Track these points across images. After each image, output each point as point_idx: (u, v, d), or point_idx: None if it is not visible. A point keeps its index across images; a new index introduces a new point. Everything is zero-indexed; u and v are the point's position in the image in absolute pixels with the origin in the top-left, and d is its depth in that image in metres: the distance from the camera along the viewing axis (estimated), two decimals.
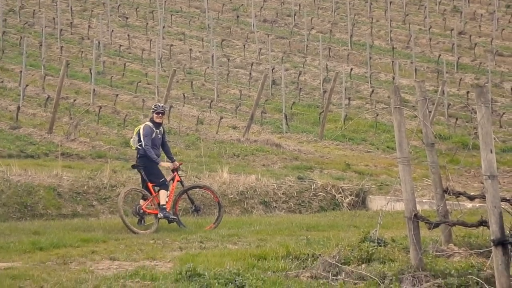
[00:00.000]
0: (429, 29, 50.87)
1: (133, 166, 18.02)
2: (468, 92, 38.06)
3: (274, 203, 23.17)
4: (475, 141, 12.26)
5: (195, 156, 25.31)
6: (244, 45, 48.29)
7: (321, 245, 12.46)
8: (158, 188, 17.23)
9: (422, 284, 9.04)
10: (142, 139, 17.09)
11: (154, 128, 17.24)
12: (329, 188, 23.98)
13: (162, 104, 19.47)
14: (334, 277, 9.86)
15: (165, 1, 53.91)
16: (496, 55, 46.04)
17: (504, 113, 36.40)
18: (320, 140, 32.11)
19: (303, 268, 10.72)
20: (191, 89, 39.03)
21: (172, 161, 17.68)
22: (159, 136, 17.42)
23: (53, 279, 10.28)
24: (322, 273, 10.13)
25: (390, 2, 55.54)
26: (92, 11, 52.56)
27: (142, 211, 17.17)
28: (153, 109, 17.82)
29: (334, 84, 34.70)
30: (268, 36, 47.98)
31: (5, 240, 14.96)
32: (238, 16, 53.36)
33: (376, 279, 9.36)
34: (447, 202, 10.88)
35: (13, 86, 37.68)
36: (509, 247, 7.18)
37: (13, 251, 13.51)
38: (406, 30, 52.01)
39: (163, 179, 17.39)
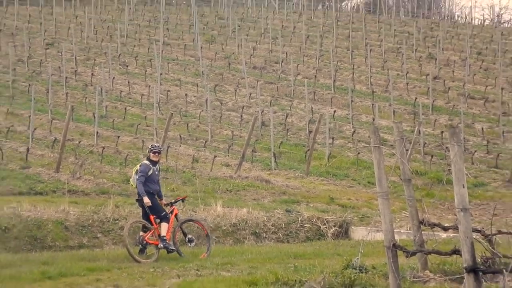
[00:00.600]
0: (406, 74, 53.13)
1: (137, 200, 18.47)
2: (442, 132, 39.67)
3: (264, 233, 23.91)
4: (449, 177, 11.15)
5: (191, 192, 25.85)
6: (236, 90, 50.01)
7: (307, 272, 13.52)
8: (159, 220, 17.83)
9: None
10: (136, 174, 17.82)
11: (151, 166, 17.83)
12: (314, 220, 24.96)
13: (158, 144, 20.64)
14: None
15: (162, 50, 55.83)
16: (468, 98, 48.33)
17: (475, 151, 37.55)
18: (306, 176, 33.52)
19: None
20: (187, 130, 40.35)
21: (161, 198, 18.24)
22: (156, 172, 18.02)
23: None
24: None
25: (370, 50, 57.45)
26: (94, 60, 54.13)
27: (145, 241, 17.75)
28: (150, 148, 18.43)
29: (318, 125, 36.64)
30: (257, 82, 49.80)
31: (17, 270, 15.64)
32: (229, 64, 55.31)
33: None
34: (423, 232, 12.06)
35: (23, 129, 38.75)
36: (480, 274, 7.89)
37: (24, 280, 14.37)
38: (385, 75, 53.71)
39: (164, 212, 17.98)
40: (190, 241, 18.58)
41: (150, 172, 17.59)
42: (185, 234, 18.59)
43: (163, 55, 55.81)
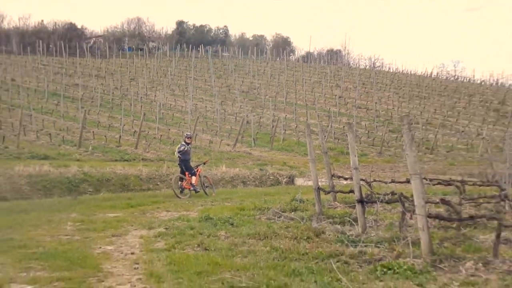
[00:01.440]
0: (324, 95, 73.75)
1: (178, 164, 23.04)
2: (343, 127, 55.87)
3: (248, 182, 30.87)
4: (347, 151, 16.26)
5: (209, 159, 30.40)
6: (232, 103, 68.29)
7: (272, 202, 17.06)
8: (190, 174, 22.33)
9: (321, 222, 13.23)
10: (177, 150, 22.46)
11: (185, 145, 22.34)
12: (275, 174, 32.94)
13: (189, 133, 25.63)
14: (278, 218, 14.17)
15: (192, 82, 72.86)
16: (357, 108, 68.02)
17: (362, 137, 53.60)
18: (270, 151, 45.69)
19: (263, 214, 15.12)
20: (206, 126, 54.33)
21: (189, 167, 22.44)
22: (188, 149, 22.28)
23: (138, 221, 14.62)
24: (272, 217, 14.55)
25: (305, 82, 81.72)
26: (156, 87, 72.25)
27: (183, 187, 22.22)
28: (185, 135, 23.50)
29: (277, 123, 51.52)
30: (244, 99, 69.36)
31: (113, 202, 19.52)
32: (229, 89, 77.04)
33: (299, 219, 13.63)
34: (333, 181, 16.01)
35: (117, 125, 48.93)
36: (364, 203, 11.52)
37: (118, 208, 17.96)
38: (313, 96, 73.43)
39: (193, 170, 22.36)
40: (206, 187, 23.17)
41: (185, 149, 22.16)
42: (203, 184, 22.93)
43: (193, 84, 72.21)
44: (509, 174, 14.58)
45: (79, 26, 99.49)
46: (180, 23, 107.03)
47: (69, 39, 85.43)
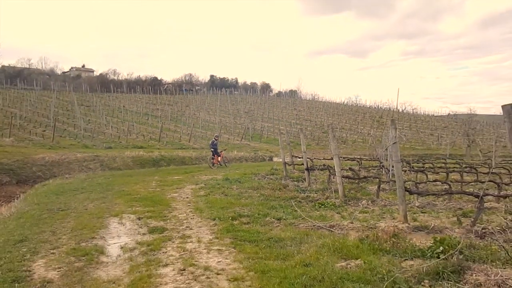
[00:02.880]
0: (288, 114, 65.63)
1: (211, 150, 21.64)
2: (298, 130, 45.57)
3: (248, 160, 28.52)
4: (300, 143, 16.58)
5: (228, 148, 29.99)
6: (240, 118, 58.81)
7: (261, 170, 16.83)
8: (218, 156, 21.28)
9: (287, 180, 13.14)
10: (211, 143, 21.58)
11: (214, 140, 21.38)
12: (262, 155, 30.52)
13: (217, 134, 24.16)
14: (264, 179, 13.89)
15: (218, 107, 64.08)
16: (306, 120, 61.40)
17: (308, 136, 43.58)
18: (260, 143, 40.20)
19: (256, 176, 14.73)
20: (226, 130, 46.90)
21: (217, 151, 21.24)
22: (216, 142, 21.31)
23: (190, 180, 14.28)
24: (261, 178, 14.25)
25: (269, 108, 69.64)
26: (199, 110, 61.73)
27: (213, 162, 21.08)
28: (215, 135, 22.30)
29: (263, 128, 47.80)
30: (246, 116, 60.47)
31: (177, 171, 18.64)
32: (238, 111, 65.45)
33: (274, 179, 13.65)
34: (293, 159, 16.58)
35: (179, 131, 42.06)
36: (309, 171, 11.85)
37: (179, 174, 17.22)
38: (282, 113, 65.69)
39: (219, 153, 21.42)
40: (226, 163, 21.88)
41: (214, 142, 21.31)
42: (224, 161, 21.75)
43: (219, 109, 63.84)
44: (384, 155, 14.93)
45: (159, 78, 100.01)
46: (211, 76, 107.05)
47: (153, 85, 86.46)
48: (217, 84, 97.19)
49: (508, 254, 4.22)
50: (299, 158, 15.29)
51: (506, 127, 4.10)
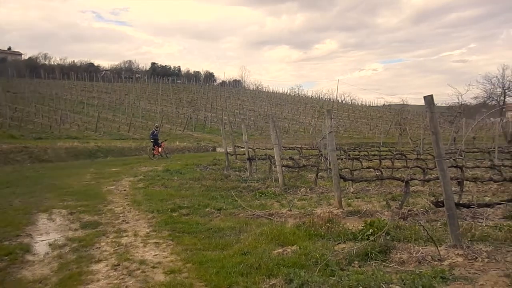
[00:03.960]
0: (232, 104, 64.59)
1: (151, 141, 21.14)
2: (241, 120, 48.39)
3: (190, 150, 27.51)
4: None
5: (167, 137, 27.89)
6: (182, 108, 56.04)
7: (203, 161, 16.99)
8: (158, 146, 20.91)
9: (229, 170, 13.29)
10: (151, 133, 21.15)
11: (155, 131, 21.17)
12: (205, 146, 29.95)
13: (157, 124, 24.13)
14: (206, 169, 14.03)
15: (160, 96, 64.93)
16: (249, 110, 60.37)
17: (251, 126, 44.05)
18: (203, 133, 38.89)
19: (198, 167, 14.82)
20: (168, 120, 44.21)
21: (158, 142, 20.81)
22: (156, 133, 21.03)
23: (128, 172, 14.02)
24: (203, 168, 14.34)
25: (212, 99, 68.03)
26: (140, 99, 56.43)
27: (154, 153, 20.73)
28: (155, 125, 22.66)
29: (206, 118, 46.13)
30: (189, 106, 56.69)
31: (115, 162, 18.41)
32: (181, 100, 63.08)
33: (216, 169, 13.83)
34: (236, 149, 16.36)
35: (117, 120, 38.91)
36: (251, 160, 12.18)
37: (117, 165, 16.80)
38: (226, 103, 63.79)
39: (159, 144, 20.96)
40: (167, 154, 21.46)
41: (154, 132, 21.00)
42: (165, 152, 21.36)
43: (160, 98, 62.07)
44: (324, 144, 15.40)
45: (95, 64, 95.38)
46: (153, 63, 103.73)
47: (89, 72, 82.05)
48: (159, 72, 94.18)
49: (428, 233, 4.56)
50: (242, 148, 15.32)
51: (427, 116, 4.39)
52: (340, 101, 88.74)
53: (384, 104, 78.60)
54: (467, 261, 4.12)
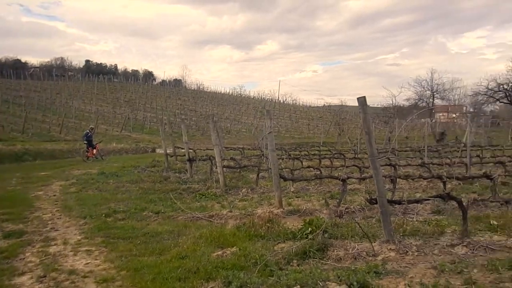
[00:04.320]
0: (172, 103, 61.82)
1: (85, 142, 20.46)
2: (181, 120, 48.47)
3: (129, 152, 26.70)
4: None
5: (103, 139, 27.53)
6: (120, 108, 54.06)
7: (141, 163, 16.55)
8: (93, 148, 20.21)
9: (168, 172, 13.00)
10: (84, 135, 20.43)
11: (89, 132, 20.35)
12: (144, 147, 29.00)
13: (93, 126, 23.46)
14: (144, 171, 13.78)
15: (95, 95, 61.54)
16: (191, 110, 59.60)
17: (193, 126, 44.37)
18: (142, 134, 37.32)
19: (136, 169, 14.46)
20: (104, 120, 42.52)
21: (92, 143, 20.04)
22: (91, 134, 20.25)
23: (59, 176, 13.28)
24: (141, 170, 14.09)
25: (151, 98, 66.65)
26: (73, 98, 56.43)
27: (88, 155, 20.01)
28: (90, 126, 21.84)
29: (145, 118, 44.78)
30: (127, 105, 54.87)
31: (45, 166, 17.30)
32: (118, 100, 60.65)
33: (155, 171, 13.65)
34: (176, 150, 16.10)
35: (48, 121, 36.93)
36: (191, 161, 11.96)
37: (47, 169, 15.82)
38: (166, 103, 63.10)
39: (94, 145, 20.22)
40: (102, 156, 20.77)
41: (89, 133, 20.19)
42: (100, 154, 20.68)
43: (96, 97, 59.73)
44: (265, 144, 15.59)
45: (23, 60, 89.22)
46: (87, 61, 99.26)
47: (15, 68, 76.63)
48: (94, 70, 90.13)
49: (362, 230, 4.75)
50: (182, 149, 15.14)
51: (361, 117, 4.56)
52: (282, 101, 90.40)
53: (324, 105, 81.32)
54: (399, 255, 4.35)
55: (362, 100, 4.50)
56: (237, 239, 5.25)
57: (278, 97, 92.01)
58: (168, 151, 14.97)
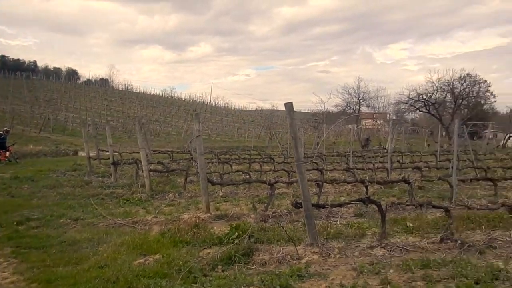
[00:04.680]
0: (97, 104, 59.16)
1: None
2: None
3: (47, 154, 23.98)
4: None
5: (17, 140, 24.47)
6: (39, 107, 50.11)
7: (61, 166, 15.44)
8: (5, 151, 19.02)
9: (91, 176, 12.46)
10: None
11: (2, 134, 19.18)
12: (65, 149, 26.27)
13: (7, 128, 21.37)
14: (64, 175, 13.13)
15: (11, 93, 54.30)
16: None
17: (119, 128, 41.09)
18: (63, 136, 34.91)
19: (54, 173, 13.57)
20: (21, 120, 39.15)
21: (5, 146, 18.80)
22: (5, 136, 19.17)
23: None
24: (60, 174, 13.23)
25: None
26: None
27: (0, 158, 18.69)
28: (5, 129, 20.02)
29: (67, 119, 42.15)
30: (47, 105, 52.26)
31: None
32: (36, 99, 57.06)
33: (76, 175, 13.10)
34: (100, 152, 15.70)
35: None
36: (116, 164, 11.57)
37: None
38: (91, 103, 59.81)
39: (6, 148, 19.03)
40: (16, 159, 19.36)
41: (2, 136, 19.02)
42: (14, 157, 19.35)
43: (12, 95, 54.02)
44: (194, 148, 15.49)
45: None
46: (2, 56, 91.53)
47: None
48: (10, 67, 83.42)
49: (287, 234, 4.86)
50: (107, 152, 14.58)
51: (288, 122, 4.67)
52: (214, 104, 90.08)
53: (256, 109, 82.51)
54: (322, 258, 4.51)
55: (289, 105, 4.62)
56: (161, 246, 5.14)
57: (210, 100, 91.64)
58: (91, 154, 14.42)
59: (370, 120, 53.75)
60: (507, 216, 6.21)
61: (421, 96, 42.88)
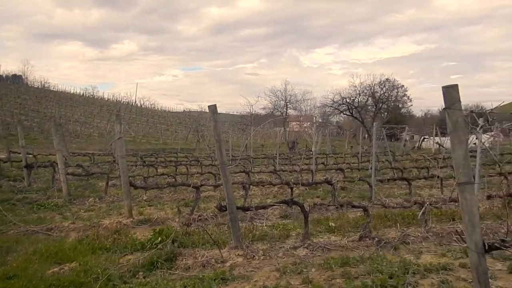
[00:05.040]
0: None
1: None
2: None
3: None
4: None
5: None
6: None
7: None
8: None
9: (1, 180, 11.65)
10: None
11: None
12: None
13: None
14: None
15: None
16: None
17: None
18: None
19: None
20: None
21: None
22: None
23: None
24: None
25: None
26: None
27: None
28: None
29: None
30: None
31: None
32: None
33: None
34: (11, 155, 15.33)
35: None
36: (28, 168, 10.87)
37: None
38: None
39: None
40: None
41: None
42: None
43: None
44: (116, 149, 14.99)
45: None
46: None
47: None
48: None
49: (211, 237, 4.88)
50: (19, 154, 13.64)
51: (212, 125, 4.70)
52: (139, 105, 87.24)
53: (184, 110, 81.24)
54: (246, 260, 4.57)
55: (213, 108, 4.64)
56: (78, 253, 4.90)
57: (135, 101, 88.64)
58: (1, 156, 13.55)
59: (297, 123, 55.46)
60: (419, 213, 6.73)
61: (345, 99, 45.08)
